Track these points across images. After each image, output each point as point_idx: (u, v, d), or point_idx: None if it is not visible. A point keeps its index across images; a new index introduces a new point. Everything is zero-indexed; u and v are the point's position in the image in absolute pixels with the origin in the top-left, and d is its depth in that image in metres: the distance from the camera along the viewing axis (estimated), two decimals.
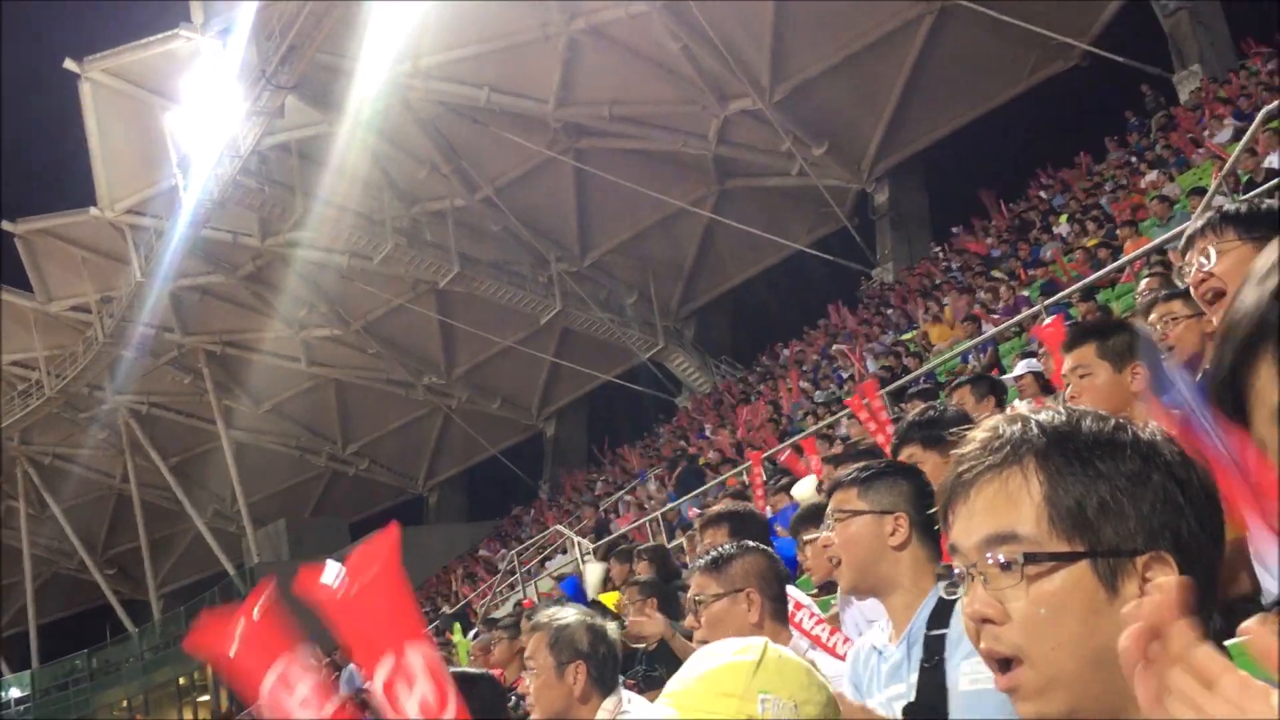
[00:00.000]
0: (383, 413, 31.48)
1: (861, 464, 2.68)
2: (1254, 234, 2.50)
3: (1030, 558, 1.03)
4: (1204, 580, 1.03)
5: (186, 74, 23.66)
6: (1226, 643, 0.92)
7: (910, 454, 3.67)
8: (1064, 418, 1.08)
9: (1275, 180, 10.10)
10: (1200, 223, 2.60)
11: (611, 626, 3.09)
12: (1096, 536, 1.02)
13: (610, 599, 6.26)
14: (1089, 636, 1.01)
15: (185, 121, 24.23)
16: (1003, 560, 1.04)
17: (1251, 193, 9.55)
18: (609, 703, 2.97)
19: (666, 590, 4.97)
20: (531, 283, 27.16)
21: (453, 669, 2.30)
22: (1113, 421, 1.07)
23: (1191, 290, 2.60)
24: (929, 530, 2.62)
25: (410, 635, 2.25)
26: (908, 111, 23.14)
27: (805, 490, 6.65)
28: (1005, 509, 1.06)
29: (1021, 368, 7.40)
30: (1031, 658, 1.03)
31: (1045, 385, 6.85)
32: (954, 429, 3.66)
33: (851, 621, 3.86)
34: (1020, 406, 5.64)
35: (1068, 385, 3.52)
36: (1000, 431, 1.09)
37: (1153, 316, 3.09)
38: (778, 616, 2.91)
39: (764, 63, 22.77)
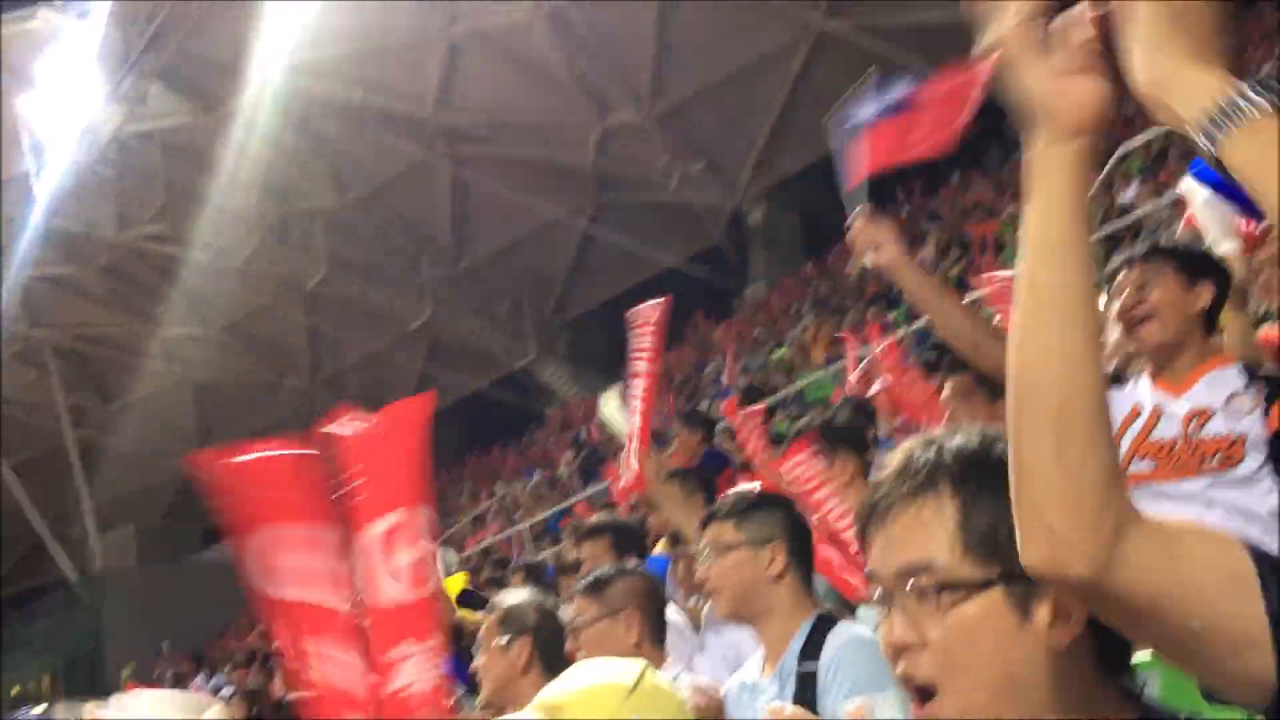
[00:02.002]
0: (242, 416, 30.48)
1: (735, 495, 2.68)
2: (1186, 274, 2.73)
3: (945, 585, 1.04)
4: None
5: (43, 55, 22.61)
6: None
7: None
8: (976, 442, 1.10)
9: (1130, 216, 10.59)
10: (1138, 249, 2.83)
11: (561, 613, 3.15)
12: (1010, 562, 1.02)
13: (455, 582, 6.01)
14: (1002, 663, 1.02)
15: (39, 105, 23.16)
16: (920, 588, 1.05)
17: (1104, 228, 9.99)
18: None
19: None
20: (402, 287, 26.75)
21: None
22: None
23: (1117, 315, 2.80)
24: (804, 559, 2.64)
25: (425, 499, 2.24)
26: (784, 133, 23.57)
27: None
28: (921, 537, 1.07)
29: (879, 384, 7.56)
30: (946, 688, 1.04)
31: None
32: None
33: (719, 652, 3.87)
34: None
35: (947, 410, 3.64)
36: (915, 457, 1.10)
37: None
38: (656, 638, 2.92)
39: (645, 77, 22.93)
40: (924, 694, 1.06)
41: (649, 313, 4.38)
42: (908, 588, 1.06)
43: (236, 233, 24.97)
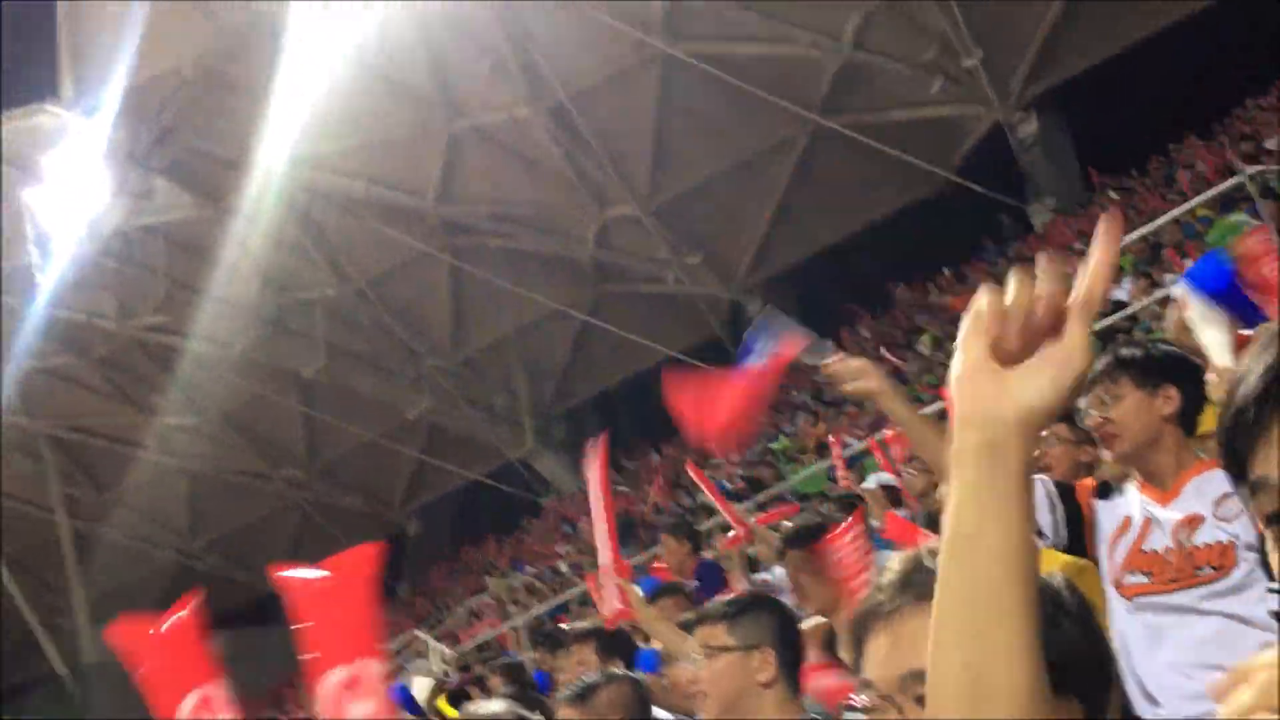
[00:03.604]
0: (237, 505, 30.32)
1: (728, 598, 2.65)
2: (1148, 382, 2.70)
3: None
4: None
5: (49, 150, 22.95)
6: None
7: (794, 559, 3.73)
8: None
9: (1121, 311, 10.64)
10: (1099, 366, 2.80)
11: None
12: None
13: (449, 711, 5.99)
14: None
15: (45, 198, 23.44)
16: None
17: (1102, 321, 10.03)
18: None
19: None
20: (400, 377, 26.79)
21: None
22: None
23: (1092, 431, 2.77)
24: (793, 666, 2.59)
25: (369, 650, 2.22)
26: (781, 226, 23.85)
27: None
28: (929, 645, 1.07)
29: (871, 480, 7.55)
30: None
31: (895, 499, 6.98)
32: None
33: None
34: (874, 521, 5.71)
35: (940, 509, 3.59)
36: (923, 565, 1.11)
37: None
38: None
39: (644, 171, 23.28)
40: None
41: (592, 450, 4.50)
42: (914, 695, 1.06)
43: (236, 323, 25.08)
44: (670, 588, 5.37)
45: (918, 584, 1.11)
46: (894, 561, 1.17)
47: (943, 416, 3.30)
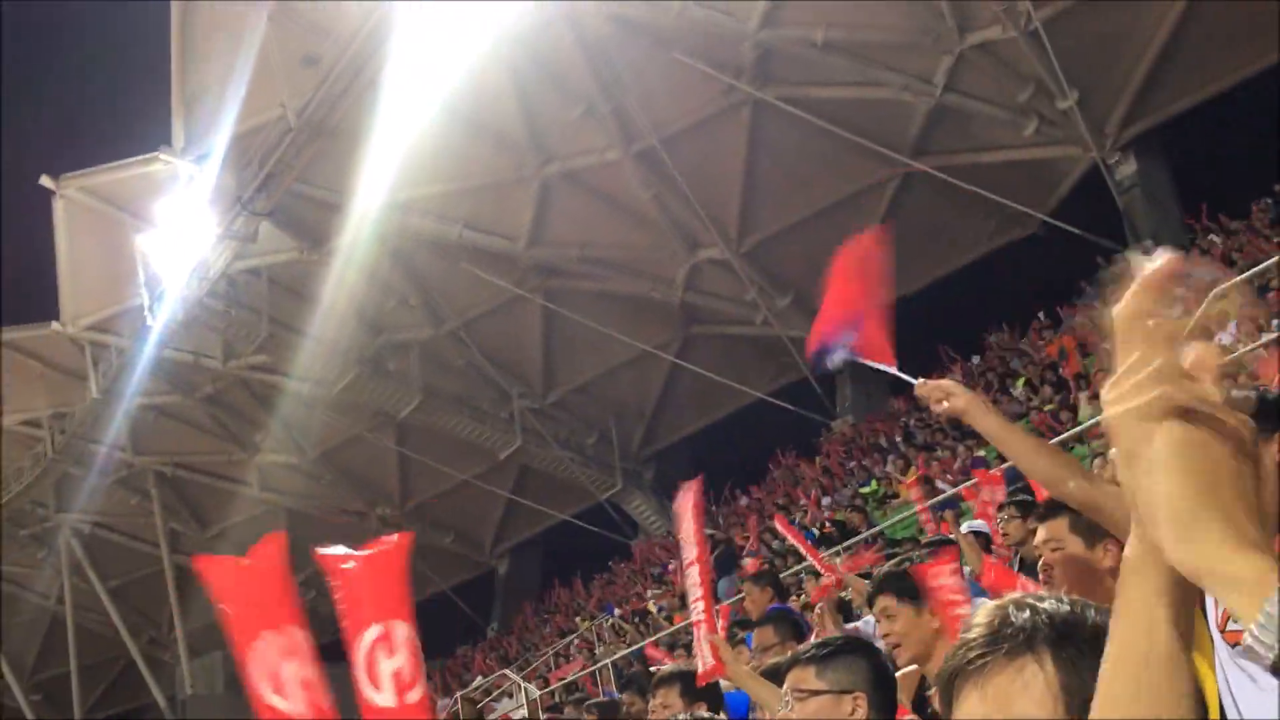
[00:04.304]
0: (332, 543, 30.53)
1: (819, 641, 2.66)
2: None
3: None
4: None
5: (162, 196, 23.87)
6: None
7: (884, 606, 3.68)
8: (1068, 608, 1.12)
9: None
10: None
11: None
12: None
13: None
14: None
15: (156, 242, 24.34)
16: None
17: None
18: None
19: None
20: (492, 418, 27.09)
21: None
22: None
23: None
24: (886, 710, 2.59)
25: (400, 615, 2.43)
26: None
27: None
28: (1021, 697, 1.08)
29: (965, 527, 7.44)
30: None
31: (987, 544, 6.86)
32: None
33: None
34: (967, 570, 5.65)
35: (1039, 555, 3.57)
36: (1011, 618, 1.12)
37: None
38: None
39: (733, 215, 23.34)
40: None
41: (685, 497, 4.45)
42: None
43: (334, 363, 25.65)
44: (771, 617, 5.37)
45: (1006, 637, 1.11)
46: (980, 615, 1.15)
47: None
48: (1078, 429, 10.63)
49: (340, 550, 2.62)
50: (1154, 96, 19.88)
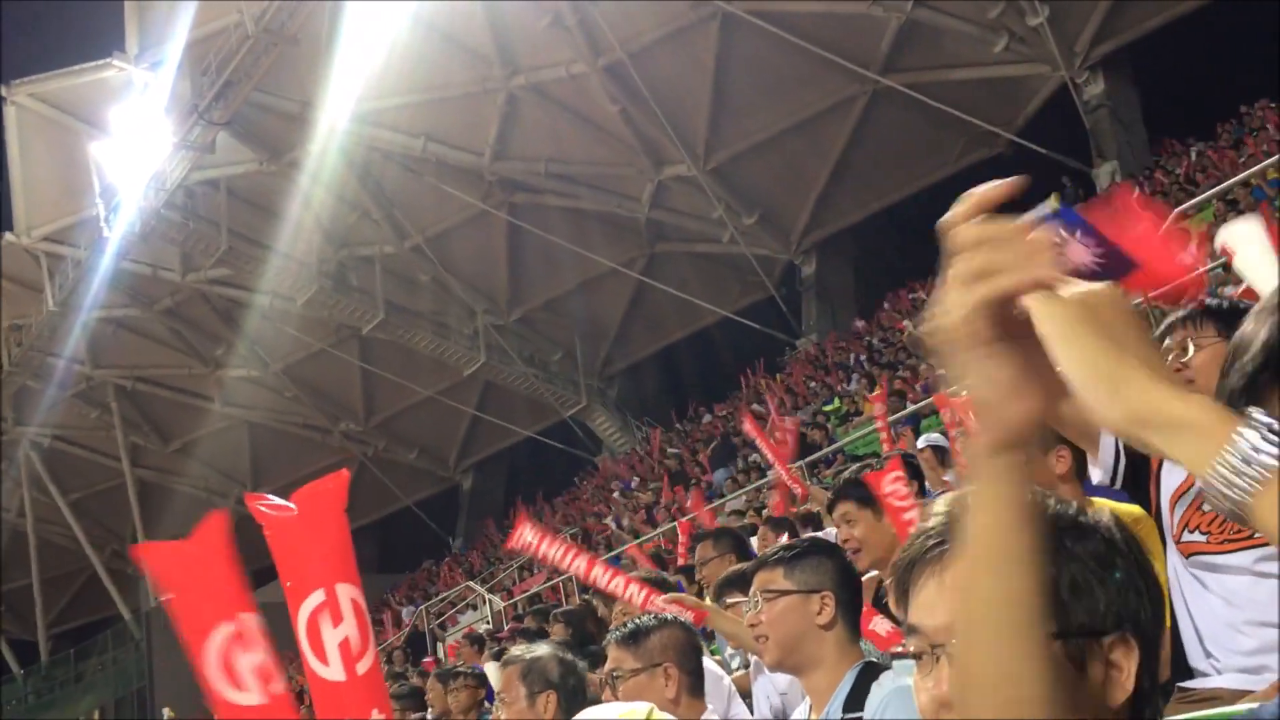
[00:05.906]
0: (296, 457, 30.85)
1: (786, 543, 2.68)
2: (1232, 331, 2.60)
3: None
4: (1152, 665, 1.04)
5: (116, 104, 23.28)
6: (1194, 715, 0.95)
7: (844, 511, 3.72)
8: (1029, 497, 1.07)
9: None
10: (1181, 313, 2.73)
11: (582, 664, 3.19)
12: (1067, 617, 1.01)
13: None
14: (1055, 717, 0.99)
15: (112, 152, 23.80)
16: None
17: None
18: None
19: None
20: (457, 334, 26.98)
21: None
22: (1074, 504, 1.09)
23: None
24: (852, 609, 2.63)
25: (344, 576, 2.25)
26: (838, 187, 23.61)
27: None
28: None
29: (922, 442, 7.49)
30: None
31: (944, 459, 6.93)
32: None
33: (762, 692, 3.86)
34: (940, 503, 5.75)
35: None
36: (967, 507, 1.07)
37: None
38: (694, 691, 2.90)
39: (700, 131, 23.11)
40: None
41: (520, 530, 4.68)
42: None
43: (296, 277, 25.37)
44: (710, 532, 5.42)
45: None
46: (938, 504, 1.12)
47: None
48: None
49: (272, 500, 2.37)
50: (1124, 15, 19.77)
